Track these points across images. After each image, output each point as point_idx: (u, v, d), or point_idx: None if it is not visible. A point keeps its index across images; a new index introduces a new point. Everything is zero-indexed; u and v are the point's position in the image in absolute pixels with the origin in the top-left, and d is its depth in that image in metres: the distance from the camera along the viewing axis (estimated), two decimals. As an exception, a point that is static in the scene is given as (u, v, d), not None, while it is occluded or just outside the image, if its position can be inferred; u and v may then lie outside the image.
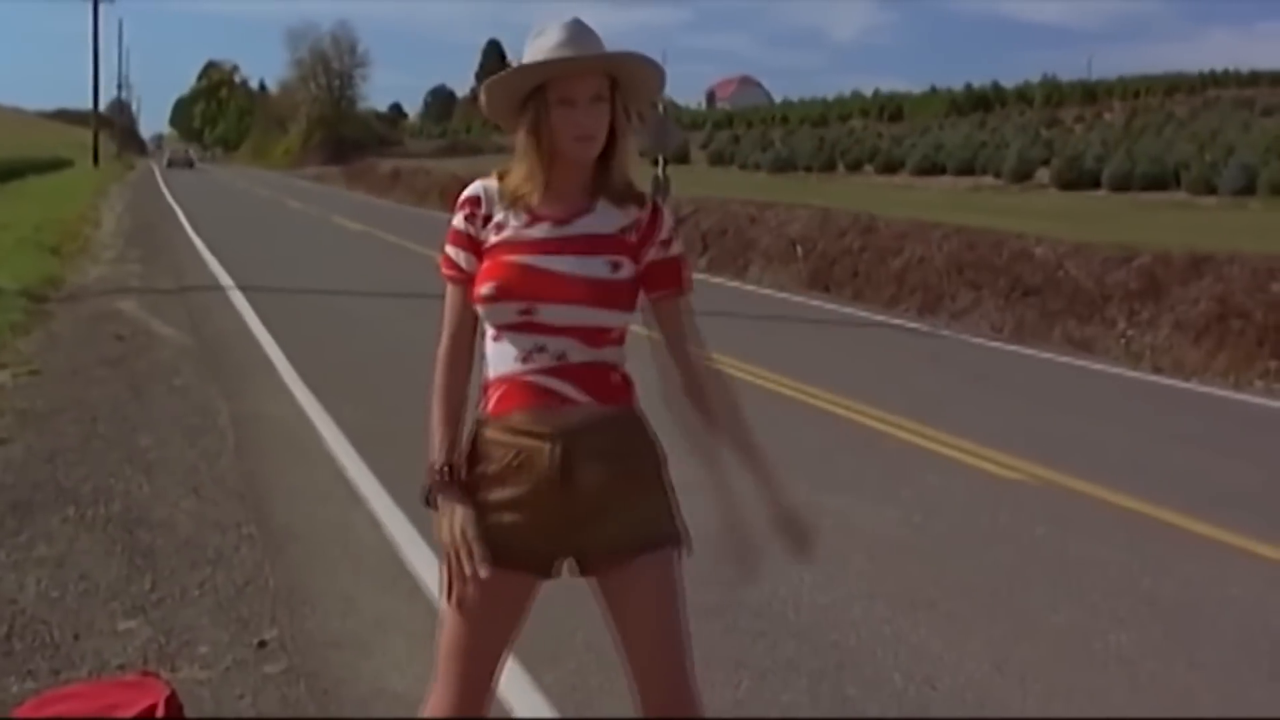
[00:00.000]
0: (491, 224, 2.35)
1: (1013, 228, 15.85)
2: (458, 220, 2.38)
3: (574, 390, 2.32)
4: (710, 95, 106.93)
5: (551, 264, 2.30)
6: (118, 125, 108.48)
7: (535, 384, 2.32)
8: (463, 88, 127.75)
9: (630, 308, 2.36)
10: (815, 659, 4.05)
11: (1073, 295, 12.66)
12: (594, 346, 2.33)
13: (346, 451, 6.64)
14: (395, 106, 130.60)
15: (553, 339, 2.31)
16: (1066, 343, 12.04)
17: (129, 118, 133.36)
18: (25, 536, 5.07)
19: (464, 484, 2.34)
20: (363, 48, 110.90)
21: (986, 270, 14.03)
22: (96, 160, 67.92)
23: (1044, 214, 21.46)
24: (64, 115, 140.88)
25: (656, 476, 2.39)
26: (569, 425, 2.30)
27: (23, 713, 2.98)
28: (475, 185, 2.40)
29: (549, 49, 2.27)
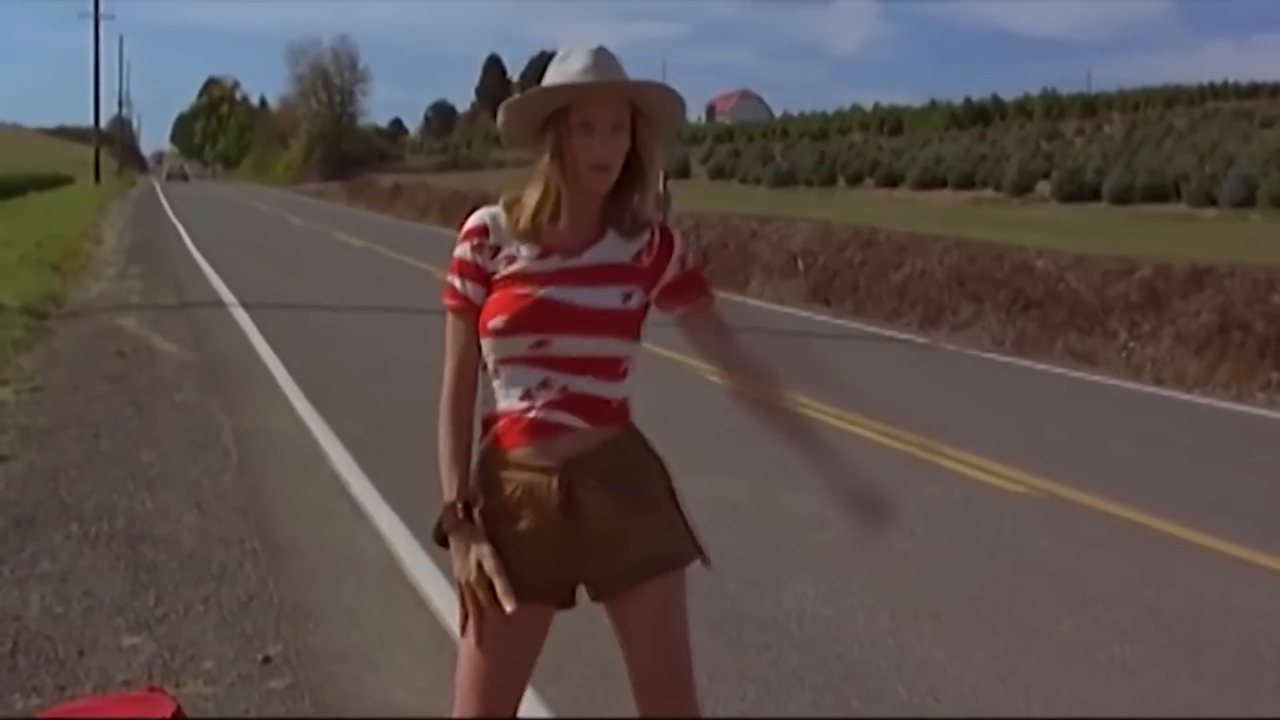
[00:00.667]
0: (501, 255, 2.31)
1: (1013, 240, 15.89)
2: (463, 250, 2.33)
3: (573, 418, 2.30)
4: (710, 109, 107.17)
5: (564, 295, 2.28)
6: (119, 142, 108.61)
7: (537, 419, 2.29)
8: (463, 103, 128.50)
9: (639, 337, 2.35)
10: (819, 671, 4.05)
11: (1074, 308, 12.66)
12: (601, 378, 2.31)
13: (349, 466, 6.65)
14: (396, 122, 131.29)
15: (558, 373, 2.28)
16: (1068, 355, 12.04)
17: (130, 134, 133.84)
18: (29, 553, 5.07)
19: (477, 518, 2.32)
20: (363, 63, 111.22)
21: (988, 283, 14.04)
22: (98, 177, 67.98)
23: (1045, 227, 21.51)
24: (65, 132, 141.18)
25: (665, 493, 2.39)
26: (568, 455, 2.29)
27: (28, 728, 2.98)
28: (482, 213, 2.36)
29: (573, 74, 2.26)
